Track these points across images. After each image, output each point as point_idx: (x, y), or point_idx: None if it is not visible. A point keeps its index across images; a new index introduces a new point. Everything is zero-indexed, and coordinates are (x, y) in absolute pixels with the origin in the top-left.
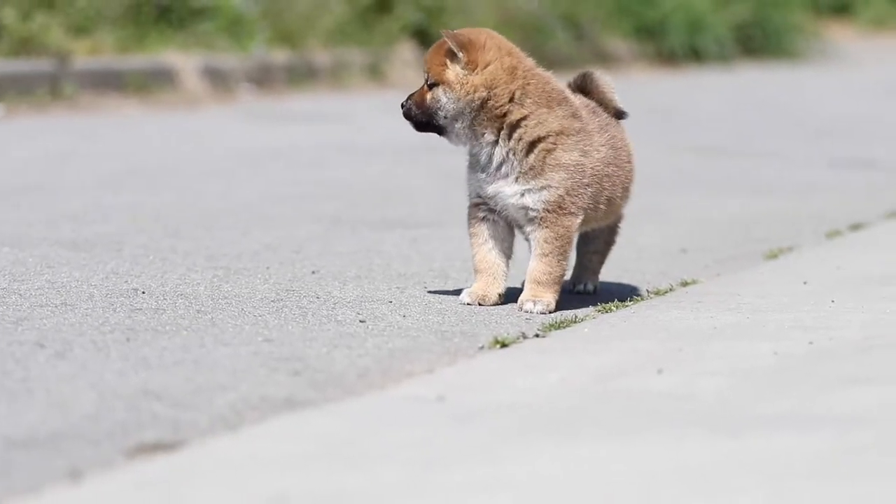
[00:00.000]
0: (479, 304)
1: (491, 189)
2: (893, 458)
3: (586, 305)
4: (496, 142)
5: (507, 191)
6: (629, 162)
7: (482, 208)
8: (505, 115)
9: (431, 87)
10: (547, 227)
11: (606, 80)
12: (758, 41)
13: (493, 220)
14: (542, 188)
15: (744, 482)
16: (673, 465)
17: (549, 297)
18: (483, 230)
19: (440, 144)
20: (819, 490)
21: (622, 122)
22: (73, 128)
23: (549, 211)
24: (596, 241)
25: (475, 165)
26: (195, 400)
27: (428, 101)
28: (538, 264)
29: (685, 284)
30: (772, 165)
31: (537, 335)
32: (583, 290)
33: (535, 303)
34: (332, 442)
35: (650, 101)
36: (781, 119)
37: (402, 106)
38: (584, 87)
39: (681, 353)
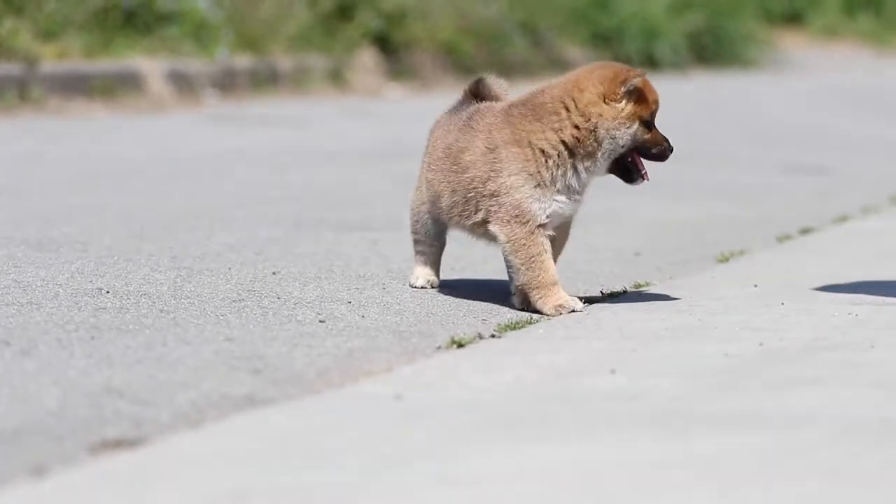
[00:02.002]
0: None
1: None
2: (839, 458)
3: None
4: None
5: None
6: None
7: (548, 227)
8: None
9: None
10: None
11: (500, 84)
12: (711, 49)
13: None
14: None
15: (693, 481)
16: (624, 464)
17: None
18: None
19: (399, 150)
20: (766, 489)
21: None
22: (41, 130)
23: None
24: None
25: (568, 190)
26: (157, 397)
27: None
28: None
29: (638, 287)
30: (724, 170)
31: (493, 336)
32: None
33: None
34: (292, 439)
35: None
36: (734, 125)
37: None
38: (478, 92)
39: (633, 353)
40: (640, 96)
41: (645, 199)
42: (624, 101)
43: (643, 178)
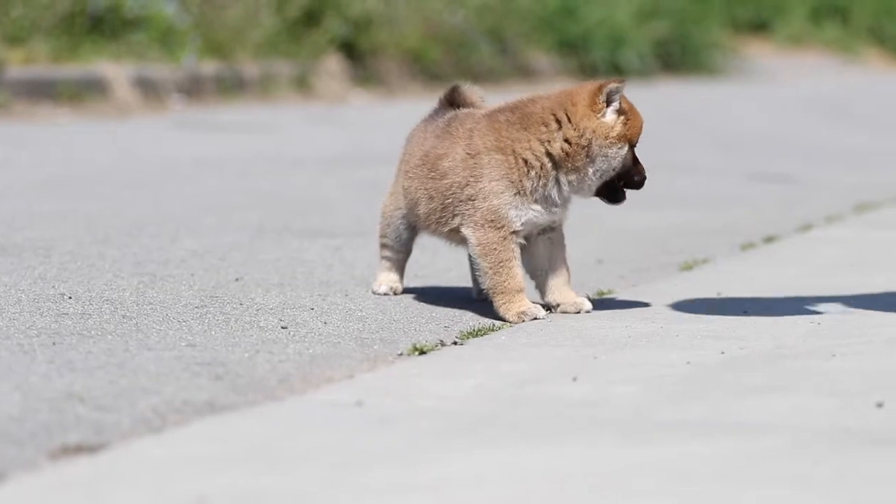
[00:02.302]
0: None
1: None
2: (799, 465)
3: None
4: None
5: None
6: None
7: (520, 235)
8: None
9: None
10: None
11: (476, 91)
12: (677, 57)
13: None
14: None
15: (654, 487)
16: (585, 471)
17: None
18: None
19: (364, 157)
20: (727, 495)
21: None
22: (6, 135)
23: None
24: None
25: (546, 201)
26: (119, 403)
27: None
28: (566, 267)
29: (601, 294)
30: (688, 178)
31: (455, 343)
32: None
33: (584, 301)
34: (253, 445)
35: None
36: (699, 133)
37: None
38: (454, 100)
39: (595, 361)
40: (628, 118)
41: (608, 207)
42: (611, 116)
43: (625, 197)
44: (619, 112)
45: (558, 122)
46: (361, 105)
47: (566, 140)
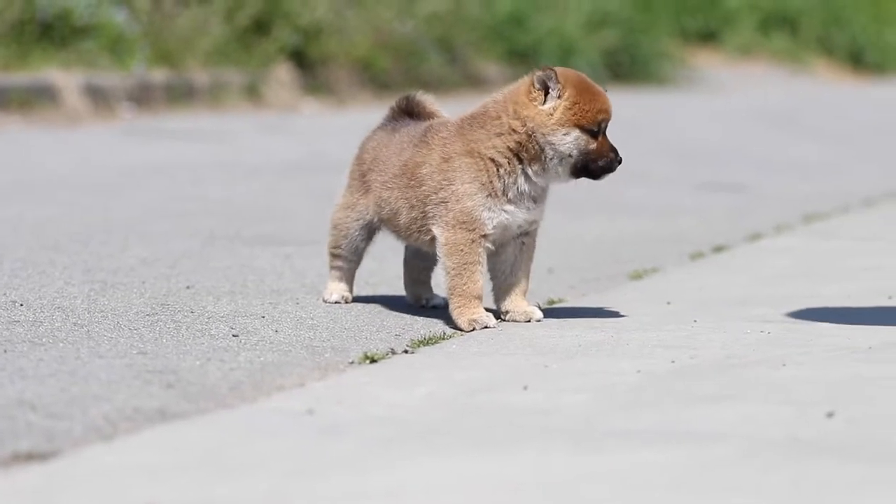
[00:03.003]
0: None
1: (527, 216)
2: (751, 474)
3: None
4: None
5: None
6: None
7: (490, 239)
8: None
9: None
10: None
11: (430, 99)
12: (627, 66)
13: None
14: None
15: (606, 496)
16: (538, 479)
17: None
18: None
19: (315, 165)
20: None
21: None
22: None
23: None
24: (429, 257)
25: (520, 198)
26: (70, 410)
27: None
28: (527, 277)
29: (551, 303)
30: (638, 188)
31: (406, 351)
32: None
33: (535, 310)
34: (204, 452)
35: None
36: (648, 143)
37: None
38: (409, 109)
39: (546, 369)
40: (573, 103)
41: (559, 216)
42: (550, 104)
43: (609, 170)
44: (560, 98)
45: (506, 114)
46: (312, 113)
47: (513, 130)
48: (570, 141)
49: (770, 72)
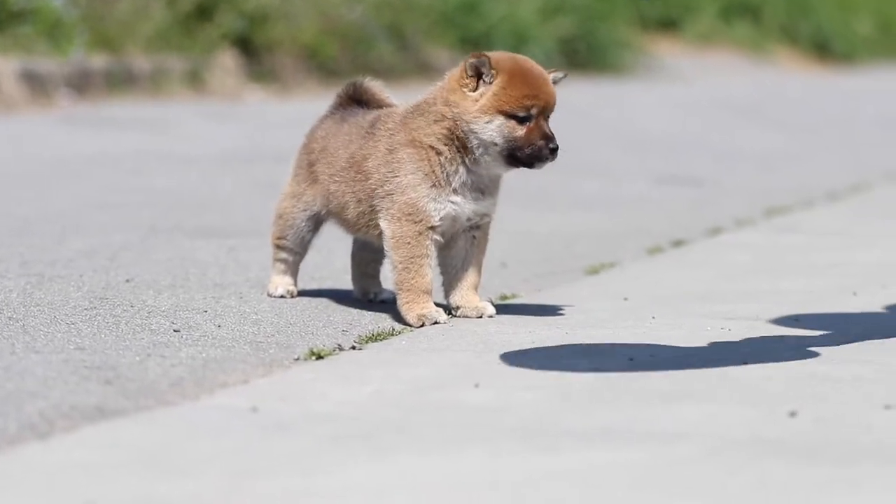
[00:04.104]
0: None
1: (475, 207)
2: (712, 475)
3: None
4: None
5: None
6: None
7: (438, 231)
8: None
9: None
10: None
11: (378, 85)
12: (583, 55)
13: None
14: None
15: (561, 497)
16: (490, 479)
17: None
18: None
19: (260, 154)
20: None
21: None
22: None
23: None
24: (377, 250)
25: (465, 188)
26: (4, 407)
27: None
28: (479, 272)
29: (505, 299)
30: (595, 180)
31: (354, 347)
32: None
33: (487, 306)
34: (144, 451)
35: None
36: (605, 134)
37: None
38: (357, 96)
39: (499, 366)
40: (502, 88)
41: (512, 209)
42: (479, 91)
43: (538, 158)
44: (490, 85)
45: (441, 102)
46: (257, 101)
47: (445, 117)
48: (492, 129)
49: (732, 61)
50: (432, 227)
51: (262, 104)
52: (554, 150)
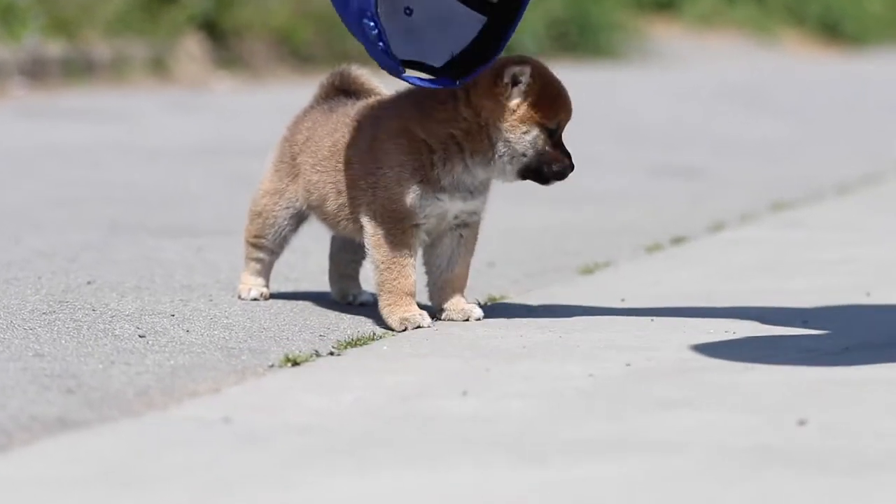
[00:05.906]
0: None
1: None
2: (713, 486)
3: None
4: None
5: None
6: None
7: (423, 229)
8: None
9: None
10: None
11: (366, 73)
12: (574, 38)
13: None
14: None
15: None
16: (479, 495)
17: None
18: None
19: (228, 147)
20: None
21: None
22: None
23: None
24: (357, 249)
25: (455, 187)
26: None
27: None
28: (466, 273)
29: (493, 300)
30: (587, 173)
31: (332, 353)
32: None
33: (474, 308)
34: (109, 464)
35: None
36: (598, 122)
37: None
38: (343, 85)
39: (487, 373)
40: (539, 99)
41: (500, 205)
42: (515, 100)
43: (560, 177)
44: (527, 94)
45: (457, 99)
46: (225, 90)
47: (464, 118)
48: (528, 140)
49: (734, 44)
50: (417, 225)
51: (231, 93)
52: (573, 168)
